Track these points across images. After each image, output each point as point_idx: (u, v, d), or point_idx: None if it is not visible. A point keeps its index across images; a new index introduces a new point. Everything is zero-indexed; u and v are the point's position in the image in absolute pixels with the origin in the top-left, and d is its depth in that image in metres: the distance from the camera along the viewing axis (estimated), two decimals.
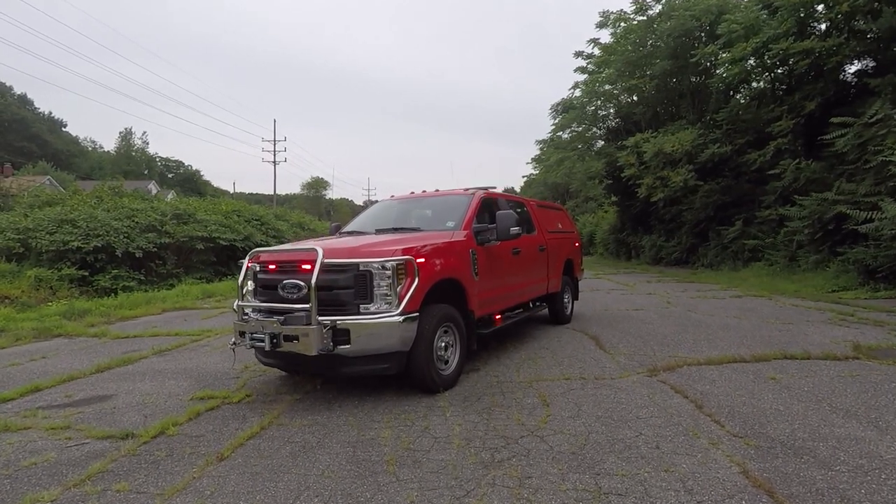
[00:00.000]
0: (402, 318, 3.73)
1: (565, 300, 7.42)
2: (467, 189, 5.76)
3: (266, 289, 4.18)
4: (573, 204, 41.04)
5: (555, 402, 3.84)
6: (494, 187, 6.00)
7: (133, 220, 14.79)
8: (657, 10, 21.56)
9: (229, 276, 17.07)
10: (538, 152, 36.78)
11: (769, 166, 15.34)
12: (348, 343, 3.66)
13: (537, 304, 6.94)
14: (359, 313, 3.75)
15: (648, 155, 18.16)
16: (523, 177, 63.34)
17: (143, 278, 14.11)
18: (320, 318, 3.64)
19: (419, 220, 5.49)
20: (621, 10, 23.52)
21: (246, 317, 4.06)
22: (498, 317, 5.40)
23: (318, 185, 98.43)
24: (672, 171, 17.83)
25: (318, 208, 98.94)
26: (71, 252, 12.62)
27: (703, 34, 20.45)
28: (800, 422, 3.31)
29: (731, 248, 17.03)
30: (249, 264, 4.28)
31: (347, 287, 3.77)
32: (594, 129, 28.46)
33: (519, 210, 6.36)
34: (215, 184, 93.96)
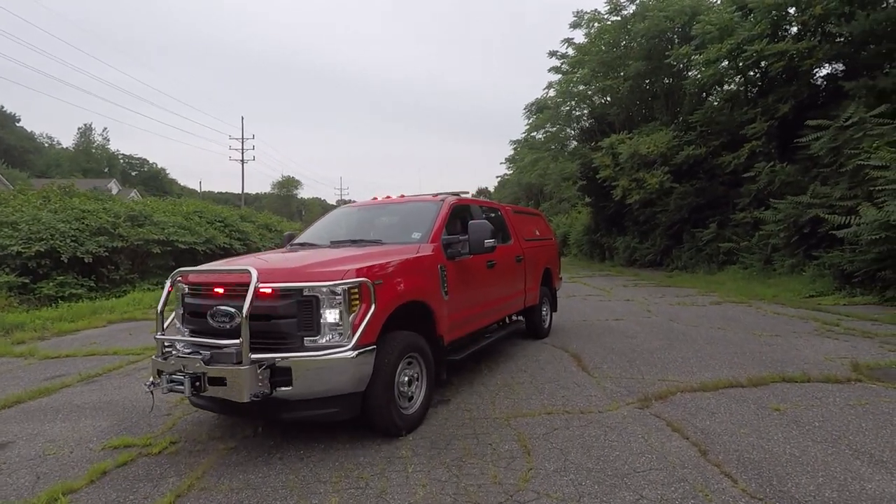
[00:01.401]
0: (356, 352, 3.11)
1: (543, 313, 6.90)
2: (436, 195, 5.15)
3: (194, 316, 3.50)
4: (548, 205, 40.88)
5: (537, 449, 3.27)
6: (467, 192, 5.42)
7: (83, 223, 13.71)
8: (631, 11, 21.39)
9: None
10: (512, 152, 36.53)
11: (743, 168, 15.24)
12: (289, 384, 3.02)
13: (516, 317, 6.41)
14: (303, 348, 3.11)
15: (624, 156, 17.91)
16: (497, 177, 62.99)
17: (93, 285, 13.09)
18: (255, 355, 2.99)
19: (381, 230, 4.85)
20: (595, 9, 23.31)
21: (168, 350, 3.36)
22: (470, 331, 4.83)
23: (289, 184, 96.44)
24: (647, 172, 17.63)
25: (290, 208, 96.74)
26: (10, 257, 11.54)
27: (675, 36, 20.36)
28: (823, 473, 2.83)
29: (706, 251, 16.90)
30: (172, 286, 3.58)
31: (289, 316, 3.13)
32: (568, 130, 28.26)
33: (494, 217, 5.80)
34: (182, 182, 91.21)
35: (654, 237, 20.59)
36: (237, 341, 2.98)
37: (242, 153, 50.08)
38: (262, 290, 3.10)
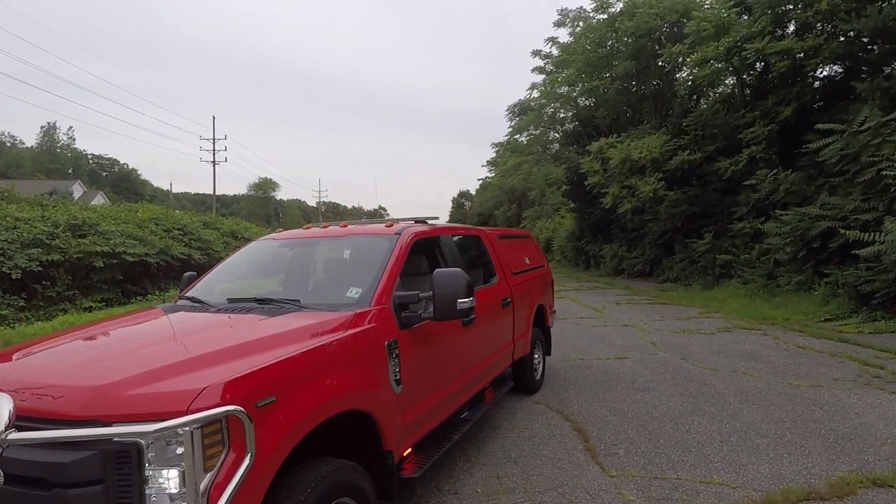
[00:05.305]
0: None
1: (535, 362, 5.53)
2: (391, 224, 3.67)
3: None
4: (532, 213, 39.63)
5: None
6: (437, 218, 3.99)
7: (14, 233, 12.05)
8: (618, 8, 20.33)
9: (139, 297, 14.39)
10: (494, 155, 35.39)
11: (741, 175, 14.17)
12: None
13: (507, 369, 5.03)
14: None
15: (615, 161, 16.71)
16: (478, 180, 61.70)
17: (24, 304, 11.50)
18: None
19: (305, 281, 3.38)
20: (581, 7, 22.23)
21: None
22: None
23: (266, 185, 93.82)
24: (640, 179, 16.47)
25: (267, 210, 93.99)
26: None
27: (662, 36, 19.33)
28: None
29: (701, 263, 15.79)
30: None
31: (86, 482, 1.68)
32: (552, 133, 27.18)
33: (473, 249, 4.41)
34: (156, 184, 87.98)
35: (644, 246, 19.50)
36: None
37: (214, 153, 47.94)
38: (24, 433, 1.63)
